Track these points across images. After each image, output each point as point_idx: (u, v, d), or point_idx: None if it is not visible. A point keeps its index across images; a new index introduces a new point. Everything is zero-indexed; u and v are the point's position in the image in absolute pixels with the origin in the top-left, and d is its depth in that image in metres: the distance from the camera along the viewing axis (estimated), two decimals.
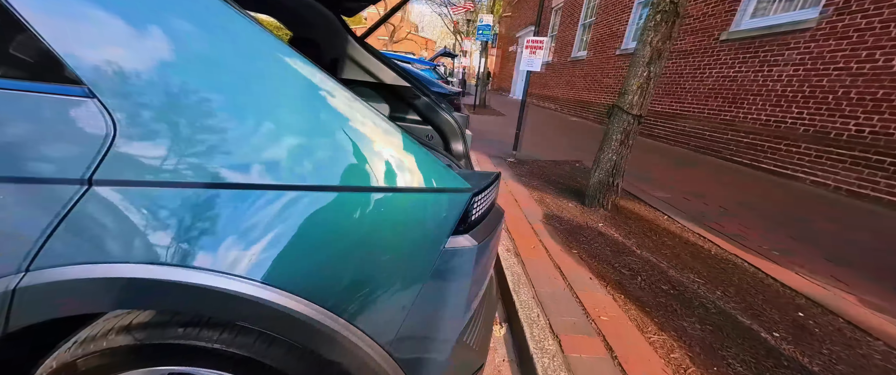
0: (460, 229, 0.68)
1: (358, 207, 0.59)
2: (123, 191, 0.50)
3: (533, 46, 3.67)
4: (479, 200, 0.71)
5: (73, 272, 0.49)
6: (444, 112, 1.83)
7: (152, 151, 0.50)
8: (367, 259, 0.61)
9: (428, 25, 45.07)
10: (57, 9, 0.48)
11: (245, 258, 0.53)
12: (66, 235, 0.49)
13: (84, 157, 0.49)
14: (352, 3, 1.62)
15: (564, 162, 4.44)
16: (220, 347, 0.57)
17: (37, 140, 0.49)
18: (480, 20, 8.91)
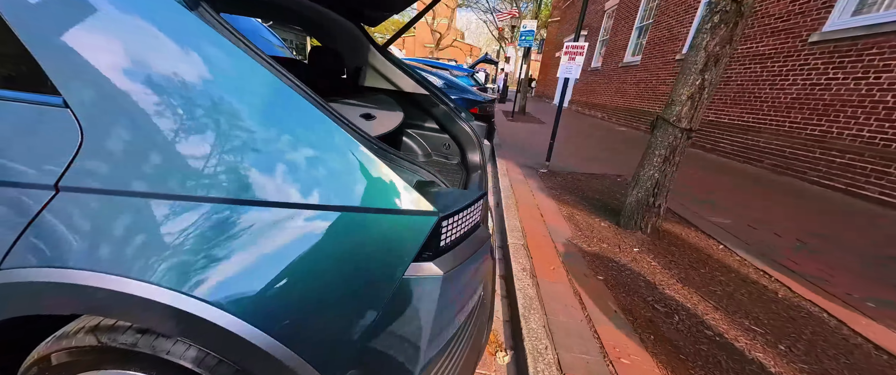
0: (426, 256, 0.62)
1: (298, 226, 0.55)
2: (85, 198, 0.52)
3: (571, 52, 3.45)
4: (450, 223, 0.64)
5: (34, 274, 0.52)
6: (461, 121, 1.77)
7: (114, 161, 0.52)
8: (311, 283, 0.57)
9: (474, 33, 45.41)
10: (48, 27, 0.52)
11: (178, 272, 0.52)
12: (31, 238, 0.52)
13: (55, 163, 0.52)
14: (374, 14, 1.64)
15: (604, 176, 4.09)
16: (173, 359, 0.57)
17: (13, 145, 0.53)
18: (523, 26, 8.71)
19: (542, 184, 3.55)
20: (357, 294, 0.59)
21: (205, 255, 0.52)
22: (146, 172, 0.52)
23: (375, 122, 1.28)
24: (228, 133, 0.54)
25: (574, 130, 8.40)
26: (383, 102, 1.62)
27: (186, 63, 0.53)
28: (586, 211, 2.86)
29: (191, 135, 0.53)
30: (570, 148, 5.77)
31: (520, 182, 3.55)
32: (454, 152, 1.87)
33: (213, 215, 0.53)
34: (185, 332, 0.54)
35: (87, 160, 0.52)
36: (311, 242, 0.56)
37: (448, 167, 1.87)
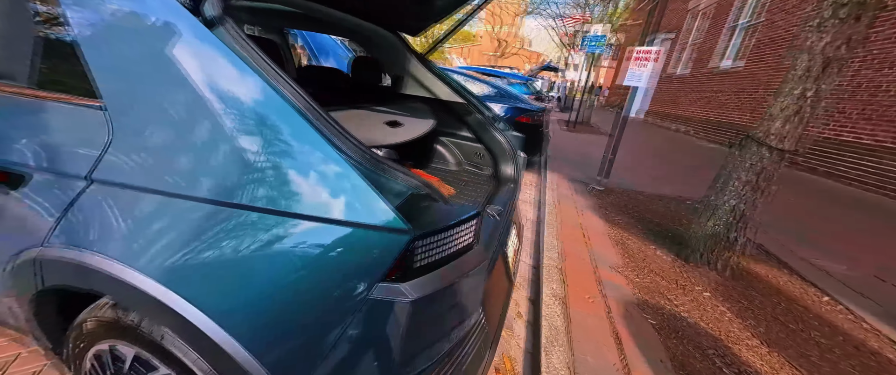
0: (398, 276, 0.59)
1: (264, 230, 0.57)
2: (109, 190, 0.63)
3: (640, 58, 3.09)
4: (428, 243, 0.60)
5: (65, 253, 0.63)
6: (495, 131, 1.71)
7: (135, 158, 0.61)
8: (270, 287, 0.58)
9: (542, 40, 44.27)
10: (104, 46, 0.64)
11: (158, 263, 0.59)
12: (67, 222, 0.64)
13: (88, 158, 0.63)
14: (415, 24, 1.69)
15: (672, 199, 3.55)
16: (163, 344, 0.64)
17: (62, 142, 0.66)
18: (590, 31, 8.14)
19: (593, 202, 3.23)
20: (317, 307, 0.58)
21: (178, 250, 0.58)
22: (149, 169, 0.61)
23: (401, 129, 1.30)
24: (216, 138, 0.59)
25: (645, 143, 7.52)
26: (416, 110, 1.65)
27: (196, 76, 0.60)
28: (642, 237, 2.50)
29: (187, 139, 0.60)
30: (635, 164, 5.17)
31: (567, 198, 3.29)
32: (486, 162, 1.81)
33: (189, 213, 0.59)
34: (162, 320, 0.61)
35: (113, 156, 0.62)
36: (274, 246, 0.57)
37: (479, 178, 1.81)
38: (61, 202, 0.65)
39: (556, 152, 5.61)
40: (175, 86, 0.60)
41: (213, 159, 0.59)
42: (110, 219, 0.63)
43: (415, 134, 1.38)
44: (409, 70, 1.78)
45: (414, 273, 0.60)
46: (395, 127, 1.27)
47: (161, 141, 0.61)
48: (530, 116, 4.01)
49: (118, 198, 0.63)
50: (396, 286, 0.58)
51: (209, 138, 0.59)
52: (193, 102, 0.59)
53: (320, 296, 0.58)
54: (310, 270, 0.57)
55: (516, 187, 1.66)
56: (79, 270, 0.64)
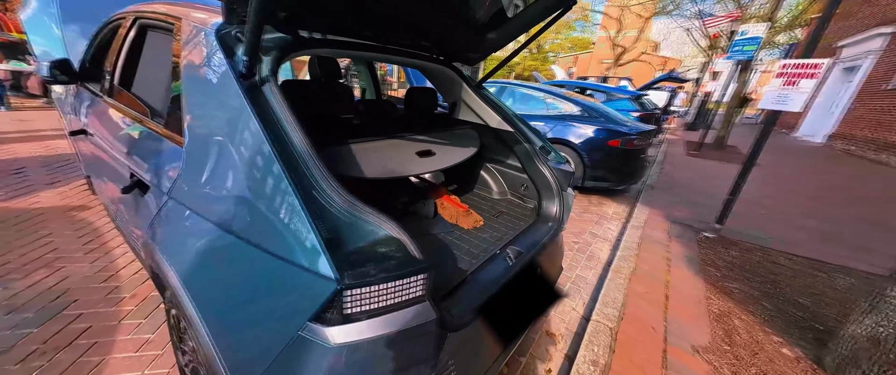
0: (327, 320, 0.62)
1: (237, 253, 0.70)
2: (175, 207, 0.89)
3: (797, 73, 2.27)
4: (362, 294, 0.61)
5: (149, 245, 0.92)
6: (541, 164, 1.57)
7: (187, 187, 0.86)
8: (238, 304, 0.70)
9: (671, 42, 37.46)
10: (192, 99, 0.91)
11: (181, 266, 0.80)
12: (154, 222, 0.93)
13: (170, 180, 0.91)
14: (472, 55, 1.71)
15: (841, 270, 2.46)
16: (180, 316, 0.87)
17: (164, 166, 0.95)
18: (741, 32, 6.41)
19: (697, 254, 2.54)
20: (256, 324, 0.68)
21: (193, 259, 0.78)
22: (190, 195, 0.83)
23: (432, 159, 1.33)
24: (223, 176, 0.77)
25: (819, 181, 5.46)
26: (462, 137, 1.66)
27: (222, 129, 0.79)
28: (761, 319, 1.83)
29: (211, 177, 0.80)
30: (793, 209, 3.82)
31: (657, 243, 2.68)
32: (531, 194, 1.67)
33: (206, 234, 0.77)
34: (177, 303, 0.83)
35: (181, 183, 0.87)
36: (244, 268, 0.71)
37: (520, 210, 1.69)
38: (155, 207, 0.97)
39: (665, 182, 4.66)
40: (210, 136, 0.82)
41: (220, 190, 0.77)
42: (168, 227, 0.89)
43: (447, 163, 1.40)
44: (462, 97, 1.81)
45: (344, 320, 0.62)
46: (427, 157, 1.32)
47: (198, 175, 0.83)
48: (621, 140, 3.45)
49: (175, 213, 0.89)
50: (323, 329, 0.61)
51: (219, 176, 0.78)
52: (219, 149, 0.80)
53: (266, 318, 0.68)
54: (263, 295, 0.68)
55: (558, 226, 1.48)
56: (151, 258, 0.93)
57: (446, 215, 1.45)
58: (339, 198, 0.68)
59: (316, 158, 0.71)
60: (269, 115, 0.75)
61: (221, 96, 0.80)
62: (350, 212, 0.68)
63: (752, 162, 2.59)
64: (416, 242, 0.69)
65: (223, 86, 0.79)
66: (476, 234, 1.39)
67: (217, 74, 0.82)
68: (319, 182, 0.69)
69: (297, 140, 0.73)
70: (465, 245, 1.27)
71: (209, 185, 0.79)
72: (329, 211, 0.67)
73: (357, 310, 0.62)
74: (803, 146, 10.11)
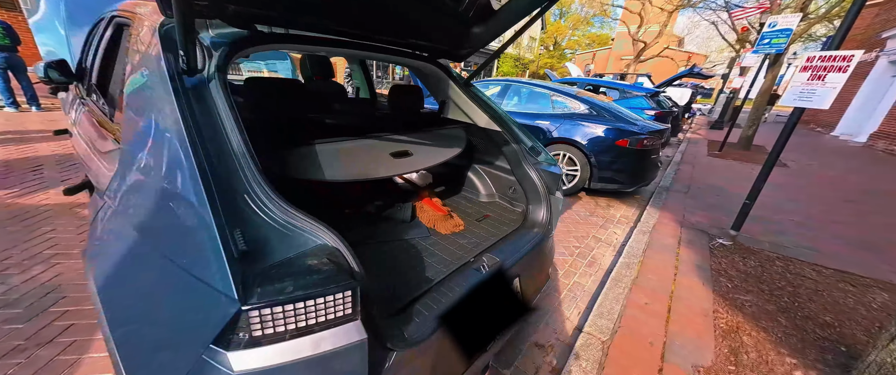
0: (236, 342, 0.55)
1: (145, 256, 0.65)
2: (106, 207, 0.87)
3: (825, 67, 2.05)
4: (274, 315, 0.55)
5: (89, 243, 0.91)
6: (528, 166, 1.47)
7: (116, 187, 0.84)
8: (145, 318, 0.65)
9: (695, 37, 35.79)
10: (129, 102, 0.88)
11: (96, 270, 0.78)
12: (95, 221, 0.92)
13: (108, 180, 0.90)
14: (460, 51, 1.63)
15: (875, 284, 2.22)
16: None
17: (105, 166, 0.94)
18: (770, 24, 5.98)
19: (708, 263, 2.36)
20: (164, 345, 0.62)
21: (108, 261, 0.74)
22: (116, 194, 0.80)
23: (408, 159, 1.27)
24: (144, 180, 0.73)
25: (857, 184, 5.02)
26: (445, 137, 1.59)
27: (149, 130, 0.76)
28: (774, 337, 1.66)
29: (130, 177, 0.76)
30: (823, 216, 3.52)
31: (666, 249, 2.52)
32: (520, 197, 1.58)
33: (126, 238, 0.73)
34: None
35: (112, 185, 0.85)
36: (141, 272, 0.66)
37: (508, 214, 1.60)
38: (94, 210, 0.95)
39: (681, 184, 4.40)
40: (140, 135, 0.78)
41: (139, 193, 0.73)
42: (96, 231, 0.86)
43: (426, 164, 1.33)
44: (450, 96, 1.74)
45: (252, 343, 0.55)
46: (402, 158, 1.26)
47: (125, 177, 0.80)
48: (630, 140, 3.27)
49: (104, 217, 0.85)
50: (226, 354, 0.54)
51: (141, 179, 0.74)
52: (145, 149, 0.75)
53: (173, 339, 0.62)
54: (172, 313, 0.62)
55: (545, 232, 1.39)
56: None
57: (425, 219, 1.38)
58: (273, 205, 0.62)
59: (251, 161, 0.66)
60: (204, 114, 0.71)
61: (154, 94, 0.76)
62: (283, 220, 0.63)
63: (772, 163, 2.38)
64: (371, 250, 0.62)
65: (157, 83, 0.76)
66: (454, 239, 1.32)
67: (154, 71, 0.78)
68: (253, 187, 0.64)
69: (236, 141, 0.68)
70: (438, 252, 1.20)
71: (132, 188, 0.76)
72: (258, 219, 0.62)
73: (268, 332, 0.55)
74: (842, 147, 9.37)
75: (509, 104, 4.18)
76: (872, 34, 10.91)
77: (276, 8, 0.93)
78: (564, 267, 2.31)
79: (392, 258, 1.13)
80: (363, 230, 1.29)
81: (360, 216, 1.43)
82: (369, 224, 1.35)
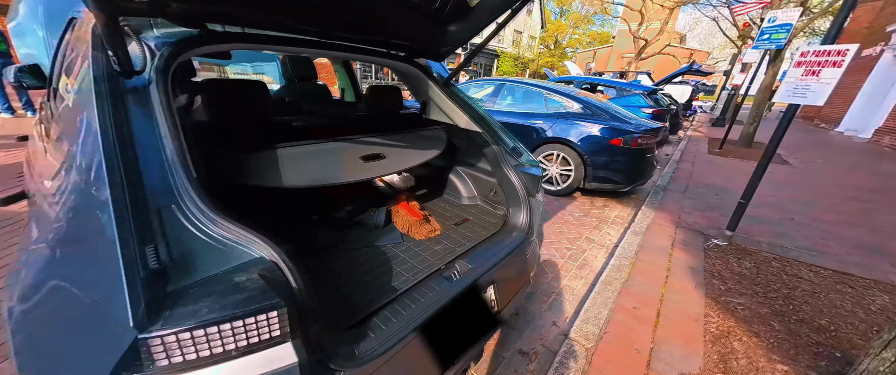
0: (142, 371, 0.49)
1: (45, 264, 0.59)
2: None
3: (819, 61, 1.99)
4: (183, 341, 0.49)
5: None
6: (508, 168, 1.43)
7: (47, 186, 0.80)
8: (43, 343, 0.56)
9: (697, 34, 35.54)
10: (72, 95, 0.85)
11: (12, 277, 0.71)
12: None
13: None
14: (440, 50, 1.60)
15: (874, 285, 2.15)
16: None
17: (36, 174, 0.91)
18: (770, 19, 5.89)
19: (701, 263, 2.30)
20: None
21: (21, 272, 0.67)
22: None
23: (381, 163, 1.23)
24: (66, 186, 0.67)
25: (860, 182, 4.92)
26: (423, 139, 1.55)
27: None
28: (767, 342, 1.61)
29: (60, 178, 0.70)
30: (827, 214, 3.44)
31: (659, 251, 2.46)
32: (502, 200, 1.54)
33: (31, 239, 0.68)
34: None
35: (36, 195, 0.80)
36: (48, 294, 0.58)
37: (489, 218, 1.56)
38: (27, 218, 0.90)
39: (679, 183, 4.34)
40: (65, 141, 0.73)
41: (58, 204, 0.66)
42: (21, 245, 0.78)
43: (400, 167, 1.30)
44: (430, 96, 1.70)
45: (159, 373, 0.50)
46: (374, 161, 1.22)
47: (46, 185, 0.75)
48: (624, 138, 3.22)
49: (28, 229, 0.78)
50: None
51: (60, 188, 0.67)
52: (66, 156, 0.70)
53: (73, 368, 0.54)
54: (76, 340, 0.54)
55: (525, 236, 1.34)
56: None
57: (400, 223, 1.35)
58: (205, 216, 0.58)
59: (184, 169, 0.62)
60: (135, 119, 0.66)
61: (79, 98, 0.72)
62: (216, 234, 0.59)
63: (767, 161, 2.32)
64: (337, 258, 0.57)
65: (84, 86, 0.71)
66: (429, 245, 1.28)
67: (83, 72, 0.74)
68: (183, 198, 0.60)
69: (170, 148, 0.64)
70: (408, 259, 1.16)
71: (46, 199, 0.72)
72: (186, 234, 0.57)
73: (177, 361, 0.50)
74: (846, 143, 9.22)
75: (503, 104, 4.13)
76: (878, 28, 10.73)
77: (225, 6, 0.88)
78: (555, 270, 2.27)
79: (357, 267, 1.09)
80: (331, 237, 1.25)
81: (329, 222, 1.39)
82: (338, 230, 1.31)
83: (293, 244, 1.20)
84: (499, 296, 1.17)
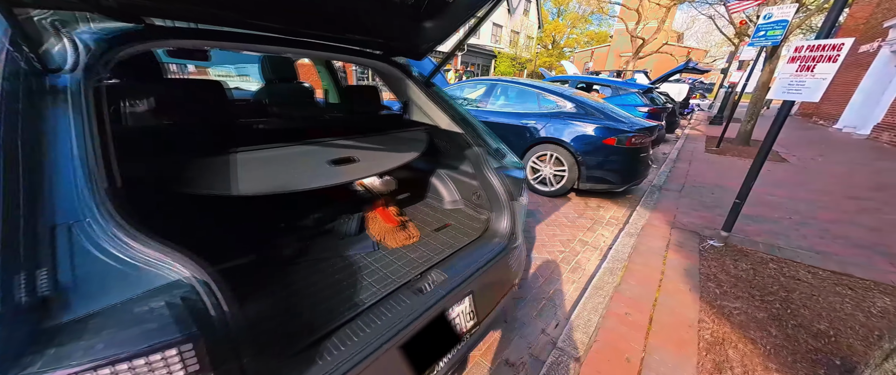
0: None
1: None
2: None
3: (814, 57, 1.93)
4: None
5: None
6: (489, 171, 1.37)
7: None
8: None
9: (694, 32, 35.56)
10: None
11: None
12: None
13: None
14: (419, 48, 1.53)
15: (875, 286, 2.09)
16: None
17: None
18: (765, 15, 5.84)
19: (696, 266, 2.24)
20: None
21: None
22: None
23: (350, 167, 1.16)
24: None
25: (860, 179, 4.86)
26: (402, 141, 1.49)
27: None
28: (763, 349, 1.54)
29: None
30: (825, 212, 3.38)
31: (653, 253, 2.40)
32: (485, 204, 1.48)
33: None
34: None
35: None
36: None
37: (472, 224, 1.50)
38: None
39: (675, 182, 4.28)
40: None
41: None
42: None
43: (374, 171, 1.23)
44: (411, 97, 1.64)
45: None
46: (344, 165, 1.16)
47: None
48: (617, 138, 3.16)
49: None
50: None
51: None
52: None
53: None
54: None
55: (508, 242, 1.28)
56: None
57: (375, 230, 1.28)
58: (112, 235, 0.51)
59: (94, 181, 0.54)
60: (45, 125, 0.58)
61: None
62: (128, 255, 0.51)
63: (762, 159, 2.26)
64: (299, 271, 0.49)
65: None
66: (404, 253, 1.21)
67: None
68: (93, 211, 0.52)
69: (82, 158, 0.57)
70: (380, 270, 1.10)
71: None
72: (89, 256, 0.50)
73: None
74: (845, 139, 9.17)
75: (497, 104, 4.07)
76: (875, 24, 10.70)
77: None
78: (546, 274, 2.21)
79: (321, 280, 1.02)
80: (295, 247, 1.18)
81: (298, 231, 1.32)
82: (305, 239, 1.24)
83: (252, 256, 1.13)
84: (478, 307, 1.11)
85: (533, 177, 3.71)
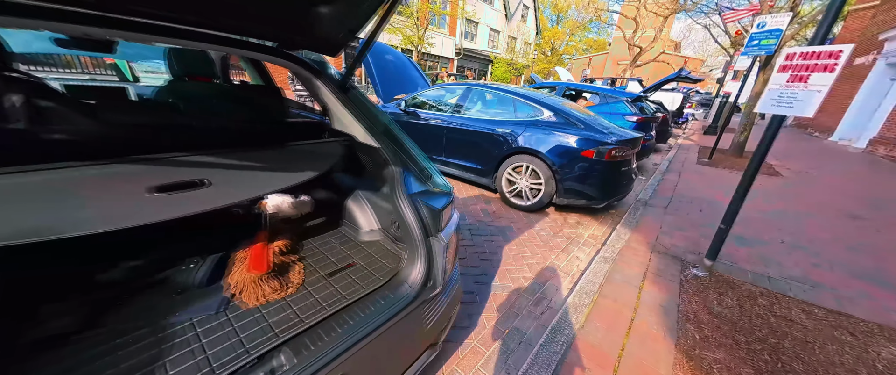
0: None
1: None
2: None
3: (808, 65, 1.67)
4: None
5: None
6: (400, 197, 1.09)
7: None
8: None
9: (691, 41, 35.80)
10: None
11: None
12: None
13: None
14: (329, 41, 1.25)
15: (881, 331, 1.81)
16: None
17: None
18: (758, 24, 5.65)
19: (675, 300, 1.95)
20: None
21: None
22: None
23: (206, 190, 0.86)
24: None
25: (859, 197, 4.62)
26: (304, 155, 1.19)
27: None
28: None
29: None
30: (822, 233, 3.11)
31: (628, 283, 2.11)
32: (404, 233, 1.18)
33: None
34: None
35: None
36: None
37: (384, 265, 1.20)
38: None
39: (662, 197, 4.01)
40: None
41: None
42: None
43: (235, 199, 0.90)
44: (325, 102, 1.36)
45: None
46: (185, 191, 0.83)
47: None
48: (596, 150, 2.89)
49: None
50: None
51: None
52: None
53: None
54: None
55: (420, 293, 0.99)
56: None
57: (234, 280, 0.97)
58: None
59: None
60: None
61: None
62: None
63: (750, 180, 1.99)
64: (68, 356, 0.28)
65: None
66: (262, 316, 0.91)
67: None
68: None
69: None
70: (206, 347, 0.79)
71: None
72: None
73: None
74: (841, 152, 8.98)
75: (471, 111, 3.81)
76: (870, 36, 10.59)
77: None
78: (505, 309, 1.91)
79: (101, 370, 0.72)
80: (79, 315, 0.84)
81: (98, 286, 0.95)
82: (109, 301, 0.90)
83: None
84: None
85: (508, 190, 3.44)
